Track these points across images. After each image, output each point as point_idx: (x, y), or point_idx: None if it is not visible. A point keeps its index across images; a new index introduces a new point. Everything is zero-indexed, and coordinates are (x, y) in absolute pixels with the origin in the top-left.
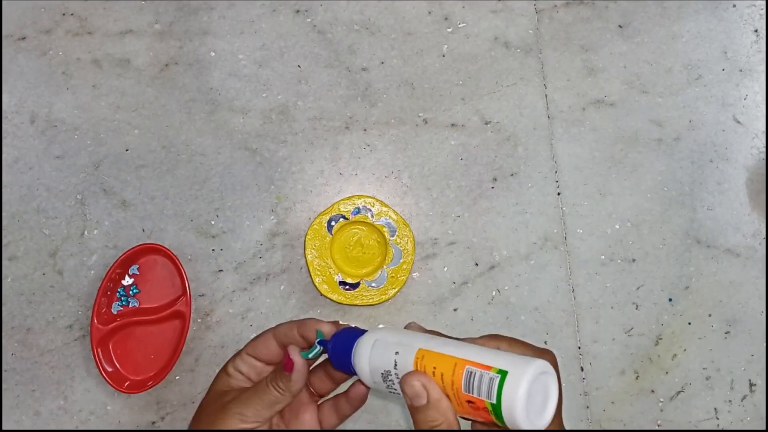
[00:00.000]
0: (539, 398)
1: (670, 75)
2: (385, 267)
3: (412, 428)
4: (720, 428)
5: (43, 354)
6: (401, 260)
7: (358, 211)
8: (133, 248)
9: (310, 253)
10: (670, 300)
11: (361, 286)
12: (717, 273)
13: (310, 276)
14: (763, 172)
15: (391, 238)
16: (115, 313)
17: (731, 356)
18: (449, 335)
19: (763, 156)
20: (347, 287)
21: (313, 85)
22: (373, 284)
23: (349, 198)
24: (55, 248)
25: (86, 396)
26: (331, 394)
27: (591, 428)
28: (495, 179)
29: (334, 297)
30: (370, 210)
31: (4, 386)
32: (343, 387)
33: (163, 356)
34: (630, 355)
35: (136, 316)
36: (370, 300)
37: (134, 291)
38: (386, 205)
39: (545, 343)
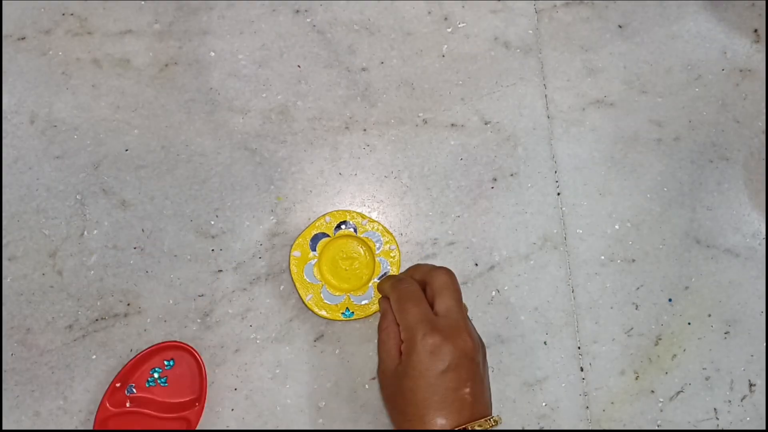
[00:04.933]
0: None
1: (670, 75)
2: (372, 281)
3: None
4: (720, 428)
5: (43, 354)
6: (388, 272)
7: (339, 227)
8: (161, 344)
9: (295, 267)
10: (670, 300)
11: (345, 300)
12: (717, 273)
13: (298, 293)
14: (763, 172)
15: (378, 251)
16: (128, 395)
17: (731, 356)
18: None
19: (763, 156)
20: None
21: (313, 85)
22: (364, 301)
23: (330, 213)
24: (54, 248)
25: (86, 396)
26: None
27: (591, 428)
28: (495, 179)
29: (322, 313)
30: (351, 225)
31: (3, 386)
32: None
33: None
34: (630, 356)
35: (147, 407)
36: (351, 316)
37: (162, 381)
38: (365, 216)
39: (545, 343)
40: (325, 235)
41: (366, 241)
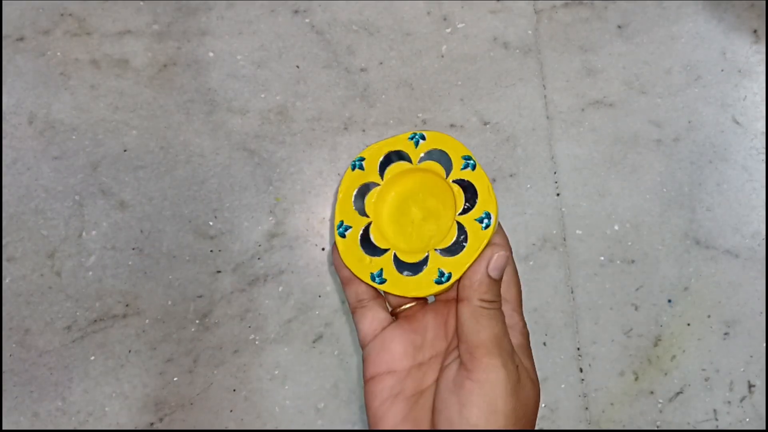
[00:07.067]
0: None
1: (669, 75)
2: (434, 248)
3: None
4: (719, 429)
5: (42, 355)
6: (463, 248)
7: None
8: None
9: (349, 182)
10: (669, 301)
11: (386, 256)
12: (716, 274)
13: (333, 215)
14: (763, 172)
15: (464, 213)
16: None
17: (730, 357)
18: None
19: (763, 156)
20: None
21: (312, 85)
22: (407, 272)
23: (428, 132)
24: (53, 249)
25: (84, 397)
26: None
27: (590, 429)
28: (494, 180)
29: (347, 261)
30: (446, 157)
31: (2, 387)
32: None
33: None
34: (629, 356)
35: None
36: (382, 284)
37: None
38: (472, 156)
39: (544, 344)
40: (404, 157)
41: (455, 190)
